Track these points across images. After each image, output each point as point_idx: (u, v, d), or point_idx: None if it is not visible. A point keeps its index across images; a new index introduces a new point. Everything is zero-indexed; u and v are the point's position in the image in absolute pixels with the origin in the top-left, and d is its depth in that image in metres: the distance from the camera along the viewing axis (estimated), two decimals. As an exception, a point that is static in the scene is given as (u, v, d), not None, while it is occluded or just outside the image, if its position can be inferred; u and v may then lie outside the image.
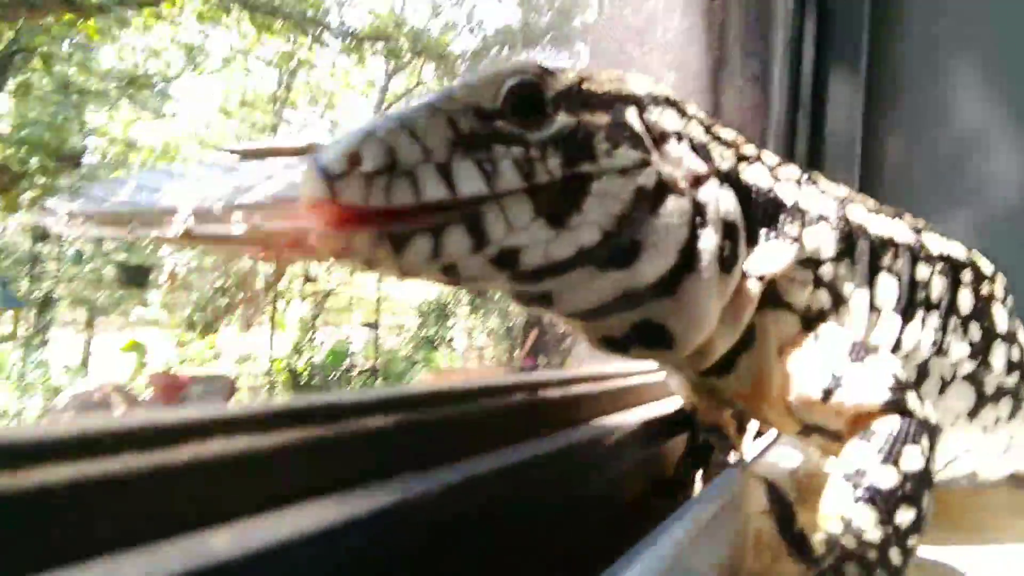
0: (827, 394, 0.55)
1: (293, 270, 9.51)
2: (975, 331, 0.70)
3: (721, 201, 0.51)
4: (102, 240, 9.12)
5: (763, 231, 0.56)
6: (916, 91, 1.55)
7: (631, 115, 0.48)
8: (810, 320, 0.58)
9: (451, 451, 0.40)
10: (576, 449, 0.52)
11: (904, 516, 0.52)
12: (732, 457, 0.72)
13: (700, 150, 0.52)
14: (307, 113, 13.68)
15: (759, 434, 0.88)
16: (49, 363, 7.71)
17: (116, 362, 9.71)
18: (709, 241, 0.49)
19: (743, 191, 0.55)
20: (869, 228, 0.63)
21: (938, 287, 0.67)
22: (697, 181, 0.50)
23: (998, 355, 0.72)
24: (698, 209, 0.49)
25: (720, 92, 1.27)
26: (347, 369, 8.81)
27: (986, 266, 0.75)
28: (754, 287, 0.55)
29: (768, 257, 0.56)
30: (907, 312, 0.64)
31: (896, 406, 0.54)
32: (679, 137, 0.51)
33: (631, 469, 0.63)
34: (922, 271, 0.66)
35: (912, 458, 0.53)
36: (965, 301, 0.70)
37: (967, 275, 0.71)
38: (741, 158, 0.57)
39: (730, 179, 0.54)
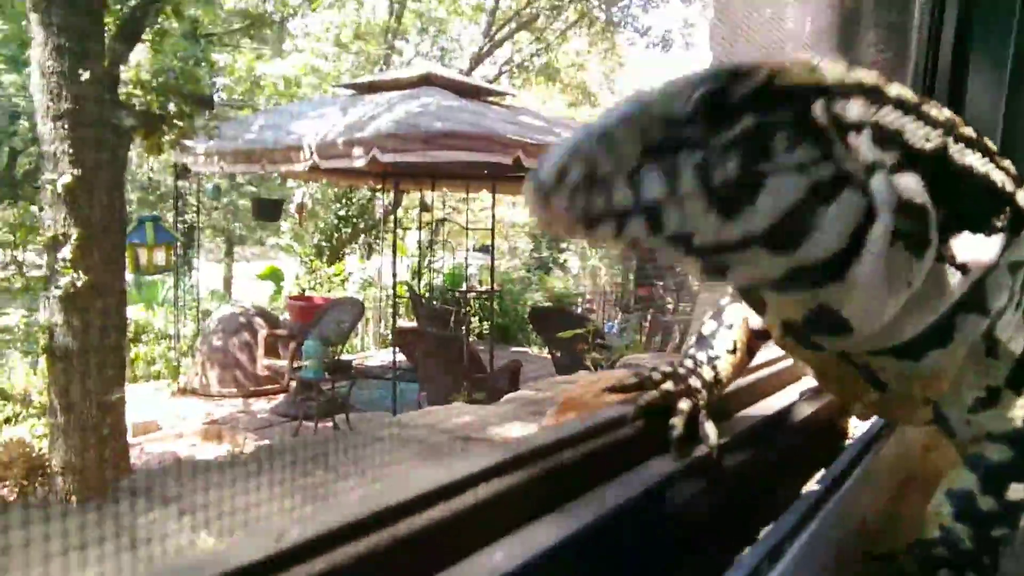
0: (974, 408, 0.59)
1: (410, 198, 9.83)
2: None
3: (903, 186, 0.51)
4: (235, 175, 9.76)
5: (970, 218, 0.55)
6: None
7: (817, 108, 0.48)
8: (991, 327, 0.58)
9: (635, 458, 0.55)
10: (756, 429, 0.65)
11: (999, 531, 0.59)
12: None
13: (889, 136, 0.52)
14: (417, 43, 13.80)
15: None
16: (196, 289, 8.48)
17: (255, 286, 10.53)
18: (880, 228, 0.49)
19: (949, 173, 0.54)
20: None
21: None
22: (875, 168, 0.50)
23: None
24: (874, 196, 0.49)
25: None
26: (465, 291, 9.11)
27: None
28: (953, 278, 0.54)
29: (971, 247, 0.55)
30: None
31: (1017, 442, 0.58)
32: (863, 126, 0.50)
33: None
34: None
35: (1016, 491, 0.58)
36: None
37: None
38: (958, 139, 0.56)
39: (928, 161, 0.53)
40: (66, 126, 4.00)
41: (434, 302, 8.77)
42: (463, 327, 7.77)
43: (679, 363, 0.71)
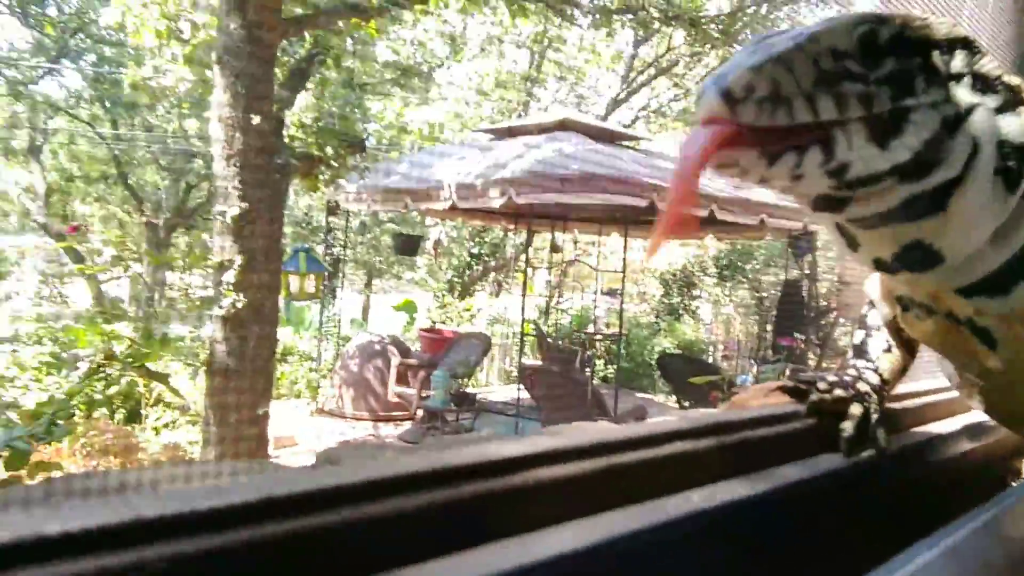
0: None
1: (541, 238, 10.02)
2: None
3: (1003, 125, 0.57)
4: (380, 213, 10.36)
5: None
6: None
7: (936, 57, 0.55)
8: None
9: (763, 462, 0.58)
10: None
11: None
12: None
13: (988, 82, 0.58)
14: (555, 90, 14.19)
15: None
16: (339, 317, 9.01)
17: (391, 317, 11.05)
18: (984, 161, 0.55)
19: None
20: None
21: None
22: (978, 108, 0.56)
23: None
24: (980, 133, 0.55)
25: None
26: (592, 333, 9.11)
27: None
28: None
29: None
30: None
31: None
32: (966, 74, 0.57)
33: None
34: None
35: None
36: None
37: None
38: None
39: (1015, 108, 0.59)
40: (237, 164, 4.45)
41: (560, 342, 8.84)
42: (588, 369, 7.77)
43: (843, 372, 0.75)
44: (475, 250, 11.34)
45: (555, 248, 8.96)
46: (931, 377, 0.78)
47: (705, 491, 0.50)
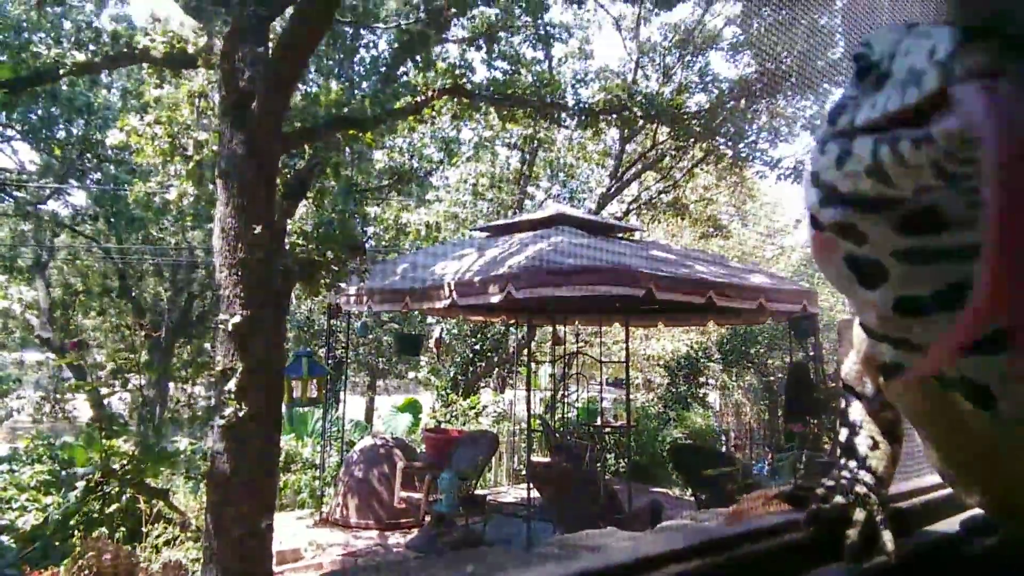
0: None
1: (542, 332, 10.02)
2: None
3: None
4: (381, 314, 10.41)
5: None
6: None
7: None
8: None
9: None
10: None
11: None
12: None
13: None
14: (547, 187, 14.57)
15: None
16: (341, 420, 8.90)
17: (394, 419, 10.91)
18: None
19: None
20: None
21: None
22: None
23: None
24: None
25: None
26: (600, 425, 8.97)
27: None
28: None
29: None
30: None
31: None
32: None
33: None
34: None
35: None
36: None
37: None
38: None
39: None
40: (239, 272, 4.51)
41: (568, 437, 8.69)
42: (598, 464, 7.61)
43: (837, 477, 0.71)
44: (477, 346, 11.32)
45: (557, 341, 8.96)
46: (933, 472, 0.74)
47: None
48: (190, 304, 13.87)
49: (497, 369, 11.86)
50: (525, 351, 8.03)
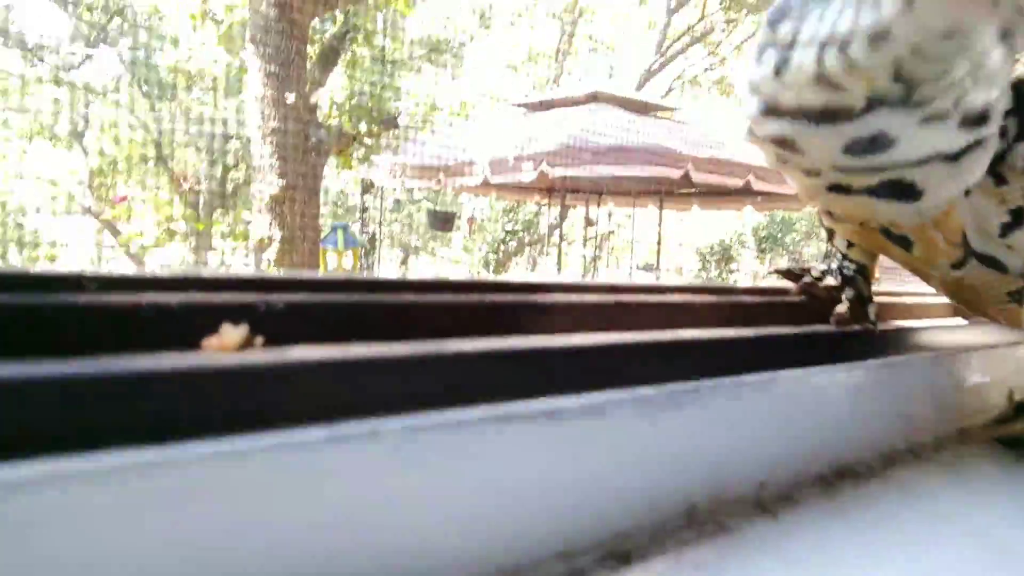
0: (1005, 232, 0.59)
1: (575, 213, 9.98)
2: None
3: None
4: (414, 190, 10.40)
5: None
6: None
7: None
8: None
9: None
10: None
11: None
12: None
13: None
14: (587, 61, 14.02)
15: None
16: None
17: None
18: None
19: None
20: None
21: None
22: None
23: None
24: None
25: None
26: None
27: None
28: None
29: None
30: None
31: None
32: None
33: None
34: None
35: None
36: None
37: None
38: None
39: None
40: (273, 143, 4.51)
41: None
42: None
43: (828, 263, 0.75)
44: (509, 226, 11.33)
45: (589, 222, 8.92)
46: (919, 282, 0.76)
47: (701, 329, 0.55)
48: (226, 175, 13.97)
49: (528, 249, 11.91)
50: (557, 231, 8.03)
